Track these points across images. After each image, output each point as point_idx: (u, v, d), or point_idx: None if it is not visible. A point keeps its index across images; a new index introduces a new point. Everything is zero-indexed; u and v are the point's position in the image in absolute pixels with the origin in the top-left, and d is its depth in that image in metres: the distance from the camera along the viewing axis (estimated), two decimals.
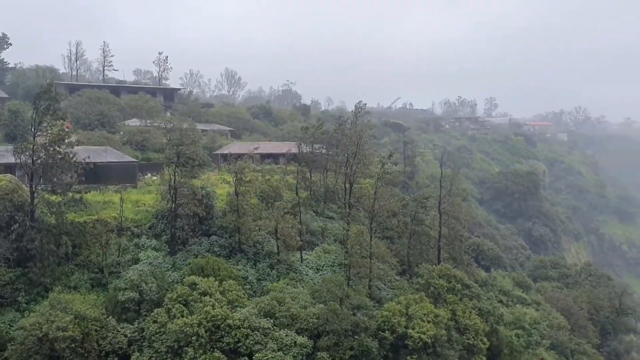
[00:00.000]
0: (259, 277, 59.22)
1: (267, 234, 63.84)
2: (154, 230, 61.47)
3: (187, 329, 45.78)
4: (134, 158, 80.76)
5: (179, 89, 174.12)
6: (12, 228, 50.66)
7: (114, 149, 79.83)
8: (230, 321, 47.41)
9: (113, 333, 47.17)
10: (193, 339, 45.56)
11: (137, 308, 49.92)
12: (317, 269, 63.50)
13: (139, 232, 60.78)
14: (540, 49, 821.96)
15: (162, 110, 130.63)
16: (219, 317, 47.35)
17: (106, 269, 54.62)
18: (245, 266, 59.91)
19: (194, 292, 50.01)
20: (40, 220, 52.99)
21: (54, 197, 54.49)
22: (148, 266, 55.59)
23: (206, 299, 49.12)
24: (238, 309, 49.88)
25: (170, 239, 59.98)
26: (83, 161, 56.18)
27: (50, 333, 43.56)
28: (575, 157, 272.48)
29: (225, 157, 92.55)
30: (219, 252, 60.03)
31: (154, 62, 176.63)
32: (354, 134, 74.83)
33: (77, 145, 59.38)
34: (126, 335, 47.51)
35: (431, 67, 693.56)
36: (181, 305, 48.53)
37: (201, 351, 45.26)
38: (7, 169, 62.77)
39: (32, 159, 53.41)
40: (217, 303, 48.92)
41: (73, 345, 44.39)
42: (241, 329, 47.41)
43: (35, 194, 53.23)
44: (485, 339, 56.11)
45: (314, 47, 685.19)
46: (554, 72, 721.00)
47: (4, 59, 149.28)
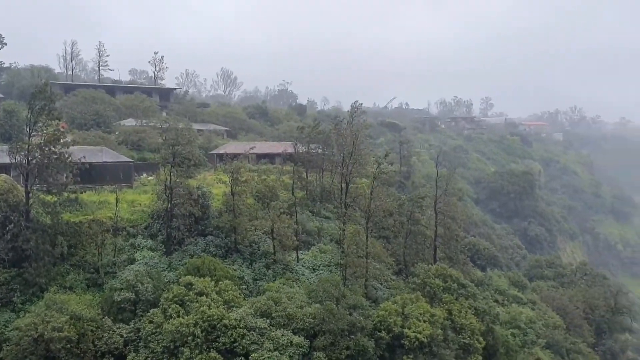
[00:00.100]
0: (255, 277, 59.22)
1: (263, 233, 63.82)
2: (149, 231, 61.36)
3: (183, 329, 45.75)
4: (129, 158, 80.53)
5: (175, 89, 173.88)
6: (7, 228, 50.50)
7: (109, 149, 79.65)
8: (226, 321, 47.40)
9: (109, 333, 47.10)
10: (189, 339, 45.54)
11: (133, 308, 49.85)
12: (314, 269, 63.49)
13: (135, 232, 60.64)
14: (536, 49, 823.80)
15: (158, 110, 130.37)
16: (215, 317, 47.35)
17: (102, 269, 54.51)
18: (241, 266, 59.88)
19: (190, 292, 49.96)
20: (36, 220, 52.82)
21: (49, 197, 54.38)
22: (144, 266, 55.51)
23: (202, 299, 49.08)
24: (234, 309, 49.87)
25: (166, 239, 59.90)
26: (78, 161, 56.07)
27: (46, 334, 43.49)
28: (571, 157, 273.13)
29: (221, 157, 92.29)
30: (214, 252, 59.95)
31: (149, 62, 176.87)
32: (350, 134, 74.89)
33: (73, 145, 59.36)
34: (122, 336, 47.45)
35: (427, 67, 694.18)
36: (177, 306, 48.49)
37: (197, 351, 45.25)
38: (2, 169, 62.50)
39: (28, 159, 53.28)
40: (213, 303, 48.89)
41: (69, 346, 44.28)
42: (237, 329, 47.40)
43: (31, 194, 53.02)
44: (481, 339, 56.24)
45: (310, 47, 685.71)
46: (550, 72, 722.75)
47: None
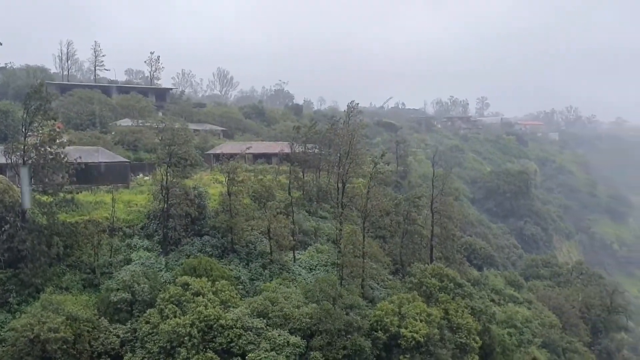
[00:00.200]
0: (252, 277, 59.17)
1: (259, 234, 63.80)
2: (146, 231, 61.27)
3: (180, 329, 45.69)
4: (125, 158, 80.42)
5: (171, 89, 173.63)
6: (3, 229, 50.24)
7: (105, 149, 79.50)
8: (223, 321, 47.35)
9: (105, 334, 47.01)
10: (185, 339, 45.48)
11: (130, 309, 49.77)
12: (310, 269, 63.50)
13: (131, 233, 60.57)
14: (533, 49, 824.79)
15: (154, 110, 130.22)
16: (212, 317, 47.30)
17: (98, 269, 54.39)
18: (237, 266, 59.83)
19: (187, 292, 49.90)
20: (32, 220, 52.63)
21: (45, 198, 54.21)
22: (140, 267, 55.40)
23: (199, 299, 49.03)
24: (231, 309, 49.81)
25: (162, 239, 59.82)
26: (74, 161, 55.93)
27: (42, 334, 43.33)
28: (567, 157, 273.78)
29: (217, 157, 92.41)
30: (211, 252, 59.90)
31: (145, 62, 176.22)
32: (347, 134, 74.83)
33: (69, 146, 59.08)
34: (118, 336, 47.36)
35: (423, 67, 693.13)
36: (174, 306, 48.43)
37: (194, 351, 45.17)
38: None
39: (23, 159, 53.13)
40: (210, 303, 48.84)
41: (65, 347, 44.15)
42: (234, 329, 47.36)
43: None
44: (477, 338, 56.30)
45: (306, 47, 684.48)
46: (546, 72, 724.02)
47: None
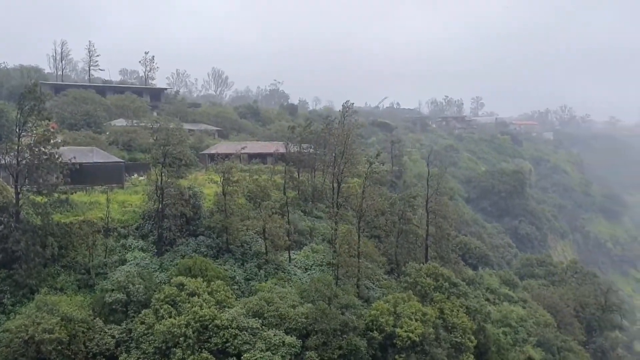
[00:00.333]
0: (247, 277, 59.13)
1: (255, 234, 63.76)
2: (140, 231, 61.11)
3: (175, 329, 45.64)
4: (120, 158, 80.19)
5: (166, 89, 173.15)
6: None
7: (100, 149, 79.28)
8: (218, 321, 47.34)
9: (100, 334, 46.90)
10: (181, 339, 45.44)
11: (125, 309, 49.65)
12: (306, 269, 63.51)
13: (126, 233, 60.38)
14: (527, 49, 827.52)
15: (149, 110, 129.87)
16: (207, 317, 47.28)
17: (93, 270, 54.23)
18: (232, 266, 59.76)
19: (182, 292, 49.83)
20: (26, 221, 52.42)
21: (39, 198, 54.03)
22: (135, 267, 55.29)
23: (194, 299, 48.99)
24: (226, 309, 49.79)
25: (157, 239, 59.69)
26: (69, 162, 55.79)
27: (37, 335, 43.21)
28: (561, 156, 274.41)
29: (212, 157, 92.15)
30: (206, 253, 59.81)
31: (140, 61, 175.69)
32: (342, 134, 74.94)
33: (63, 146, 59.05)
34: (114, 337, 47.27)
35: (418, 67, 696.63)
36: (169, 306, 48.38)
37: (189, 352, 45.15)
38: None
39: (17, 159, 52.88)
40: (205, 303, 48.80)
41: (59, 348, 44.05)
42: (229, 329, 47.34)
43: (21, 195, 52.64)
44: (472, 337, 56.46)
45: (301, 47, 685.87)
46: (540, 72, 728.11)
47: None
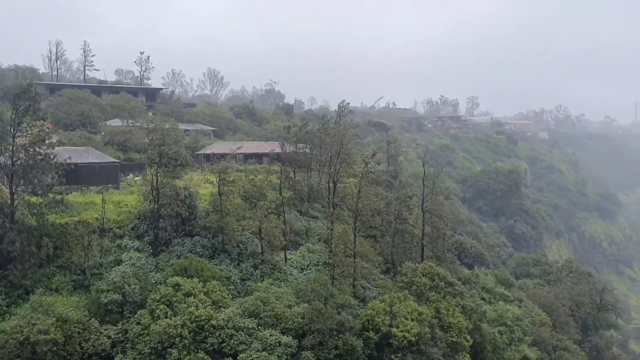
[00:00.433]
0: (243, 277, 59.06)
1: (250, 234, 63.70)
2: (136, 231, 61.01)
3: (171, 330, 45.58)
4: (115, 158, 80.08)
5: (161, 89, 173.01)
6: None
7: (95, 149, 79.08)
8: (214, 322, 47.30)
9: (96, 335, 46.75)
10: (177, 340, 45.37)
11: (120, 310, 49.54)
12: (302, 269, 63.49)
13: (121, 233, 60.26)
14: (523, 49, 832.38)
15: (144, 110, 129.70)
16: (203, 317, 47.23)
17: (88, 270, 54.11)
18: (228, 266, 59.68)
19: (178, 293, 49.74)
20: (21, 222, 52.25)
21: (34, 199, 53.86)
22: (131, 267, 55.17)
23: (190, 299, 48.91)
24: (222, 309, 49.74)
25: (153, 239, 59.57)
26: (64, 162, 55.62)
27: (32, 336, 43.05)
28: (556, 156, 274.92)
29: (208, 157, 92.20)
30: (202, 253, 59.71)
31: (135, 61, 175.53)
32: (338, 134, 74.88)
33: (58, 146, 58.76)
34: (109, 337, 47.14)
35: (414, 67, 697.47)
36: (165, 307, 48.28)
37: (185, 352, 45.08)
38: None
39: (12, 159, 52.69)
40: (201, 304, 48.74)
41: (55, 348, 43.90)
42: (225, 329, 47.31)
43: (16, 196, 52.48)
44: (468, 337, 56.56)
45: (297, 48, 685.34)
46: (536, 71, 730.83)
47: None
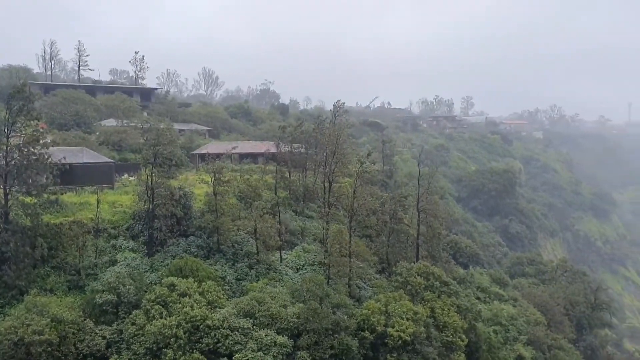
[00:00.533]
0: (238, 277, 58.98)
1: (246, 234, 63.62)
2: (131, 232, 60.83)
3: (166, 330, 45.51)
4: (110, 158, 79.83)
5: (156, 89, 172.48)
6: None
7: (90, 149, 78.82)
8: (209, 322, 47.27)
9: (91, 336, 46.64)
10: (172, 340, 45.32)
11: (115, 310, 49.41)
12: (297, 269, 63.45)
13: (116, 234, 60.10)
14: (518, 49, 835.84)
15: (139, 110, 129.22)
16: (198, 317, 47.20)
17: (83, 271, 53.94)
18: (223, 266, 59.60)
19: (173, 293, 49.68)
20: (15, 222, 52.10)
21: (28, 199, 53.66)
22: (126, 268, 55.06)
23: (185, 299, 48.85)
24: (217, 309, 49.70)
25: (147, 240, 59.44)
26: (58, 162, 55.50)
27: (26, 337, 42.92)
28: (551, 155, 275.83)
29: (203, 157, 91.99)
30: (197, 253, 59.61)
31: (130, 61, 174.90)
32: (333, 133, 74.90)
33: (53, 146, 58.59)
34: (104, 338, 47.02)
35: (409, 67, 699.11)
36: (160, 307, 48.20)
37: (180, 352, 45.04)
38: None
39: (6, 160, 52.46)
40: (196, 304, 48.69)
41: (49, 349, 43.78)
42: (220, 329, 47.27)
43: (10, 196, 52.31)
44: (463, 336, 56.66)
45: (292, 47, 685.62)
46: (535, 71, 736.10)
47: None
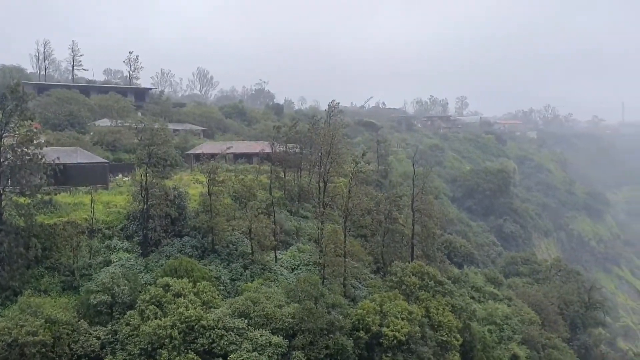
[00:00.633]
0: (233, 278, 58.96)
1: (240, 234, 63.58)
2: (125, 232, 60.72)
3: (161, 330, 45.40)
4: (104, 159, 79.61)
5: (150, 89, 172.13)
6: None
7: (84, 149, 78.64)
8: (204, 322, 47.20)
9: (85, 336, 46.47)
10: (167, 340, 45.21)
11: (110, 311, 49.28)
12: (292, 269, 63.47)
13: (111, 234, 59.95)
14: (512, 49, 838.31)
15: (133, 110, 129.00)
16: (193, 318, 47.10)
17: (77, 271, 53.77)
18: (218, 267, 59.56)
19: (167, 293, 49.57)
20: (9, 222, 51.90)
21: (22, 199, 53.48)
22: (120, 268, 54.92)
23: (180, 300, 48.75)
24: (212, 309, 49.64)
25: (142, 240, 59.32)
26: (52, 162, 55.36)
27: (20, 338, 42.70)
28: (545, 155, 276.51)
29: (197, 157, 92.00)
30: (191, 253, 59.51)
31: (124, 61, 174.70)
32: (328, 133, 74.97)
33: (46, 146, 58.40)
34: (99, 338, 46.85)
35: (404, 67, 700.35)
36: (154, 307, 48.08)
37: (175, 353, 44.94)
38: None
39: (0, 160, 52.30)
40: (191, 304, 48.59)
41: (44, 350, 43.56)
42: (215, 329, 47.21)
43: (3, 196, 52.15)
44: (458, 336, 56.79)
45: (287, 47, 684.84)
46: (534, 71, 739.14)
47: None
